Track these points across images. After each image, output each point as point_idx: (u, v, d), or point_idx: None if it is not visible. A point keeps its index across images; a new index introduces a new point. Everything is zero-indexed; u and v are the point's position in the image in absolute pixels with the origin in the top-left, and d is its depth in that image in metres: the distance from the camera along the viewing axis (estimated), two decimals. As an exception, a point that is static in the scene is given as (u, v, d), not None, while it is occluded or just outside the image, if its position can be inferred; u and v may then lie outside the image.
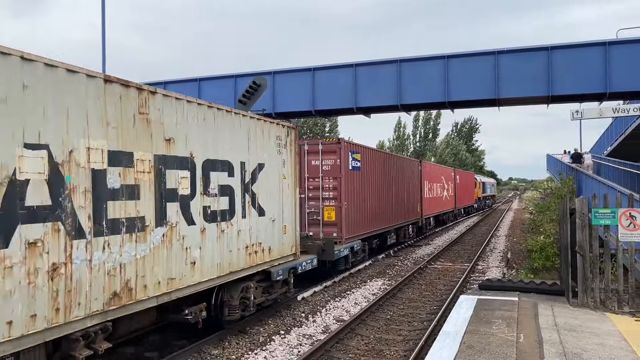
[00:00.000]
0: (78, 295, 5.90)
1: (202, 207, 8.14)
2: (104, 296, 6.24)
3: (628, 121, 23.91)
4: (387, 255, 20.77)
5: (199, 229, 8.07)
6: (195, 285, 7.93)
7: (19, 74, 5.35)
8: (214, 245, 8.43)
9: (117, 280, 6.45)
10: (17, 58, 5.34)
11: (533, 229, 24.07)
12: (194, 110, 8.02)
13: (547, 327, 7.37)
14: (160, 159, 7.25)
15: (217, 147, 8.62)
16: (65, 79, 5.85)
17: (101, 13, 17.69)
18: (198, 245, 8.01)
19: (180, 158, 7.70)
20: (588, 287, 8.68)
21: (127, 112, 6.70)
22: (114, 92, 6.50)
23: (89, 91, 6.14)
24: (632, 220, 8.51)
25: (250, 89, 12.68)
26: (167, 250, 7.34)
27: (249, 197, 9.60)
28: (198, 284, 8.01)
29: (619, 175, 20.21)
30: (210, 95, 19.72)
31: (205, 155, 8.28)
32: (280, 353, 8.75)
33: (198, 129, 8.10)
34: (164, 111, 7.33)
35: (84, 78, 6.09)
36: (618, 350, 6.39)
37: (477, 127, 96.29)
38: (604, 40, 15.41)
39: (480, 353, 6.24)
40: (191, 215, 7.88)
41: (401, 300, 12.92)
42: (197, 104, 8.15)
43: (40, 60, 5.57)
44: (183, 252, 7.67)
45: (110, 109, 6.43)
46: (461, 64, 16.92)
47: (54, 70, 5.73)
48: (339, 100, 18.33)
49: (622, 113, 16.43)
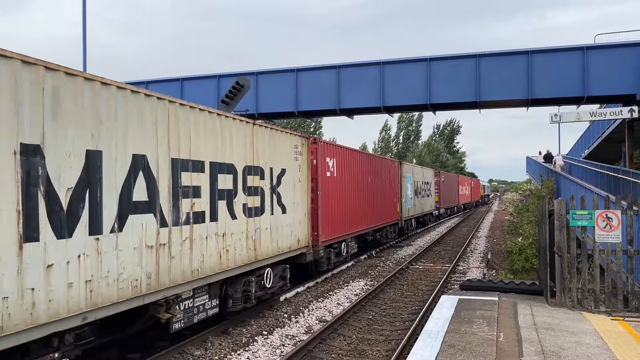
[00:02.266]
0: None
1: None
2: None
3: (604, 125, 24.42)
4: (369, 256, 20.88)
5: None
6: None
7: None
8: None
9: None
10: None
11: (513, 230, 24.42)
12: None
13: (526, 326, 7.51)
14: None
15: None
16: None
17: (82, 10, 17.48)
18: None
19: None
20: (566, 287, 8.86)
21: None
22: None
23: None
24: (608, 222, 8.71)
25: (233, 89, 12.69)
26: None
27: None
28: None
29: (596, 177, 20.61)
30: (192, 96, 19.63)
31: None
32: (263, 354, 8.75)
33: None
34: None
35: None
36: (594, 348, 6.54)
37: (459, 128, 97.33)
38: (582, 45, 15.74)
39: (462, 352, 6.34)
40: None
41: (383, 300, 13.01)
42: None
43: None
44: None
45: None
46: (443, 66, 17.13)
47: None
48: (322, 101, 18.40)
49: (599, 117, 16.78)
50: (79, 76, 5.95)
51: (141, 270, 6.84)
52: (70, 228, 5.76)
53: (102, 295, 6.18)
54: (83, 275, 5.90)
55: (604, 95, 15.95)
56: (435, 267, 18.23)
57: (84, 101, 5.99)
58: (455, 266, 18.19)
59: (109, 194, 6.34)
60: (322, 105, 18.50)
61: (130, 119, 6.73)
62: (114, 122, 6.46)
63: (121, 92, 6.61)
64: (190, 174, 8.13)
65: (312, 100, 18.52)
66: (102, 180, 6.22)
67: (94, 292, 6.04)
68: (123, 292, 6.51)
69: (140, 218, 6.90)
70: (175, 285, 7.59)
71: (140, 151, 6.93)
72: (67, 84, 5.77)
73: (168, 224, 7.49)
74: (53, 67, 5.58)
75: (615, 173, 18.49)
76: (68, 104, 5.75)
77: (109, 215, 6.32)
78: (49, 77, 5.53)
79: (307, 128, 72.45)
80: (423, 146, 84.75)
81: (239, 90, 12.82)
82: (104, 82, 6.32)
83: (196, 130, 8.26)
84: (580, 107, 17.00)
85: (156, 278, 7.15)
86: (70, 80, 5.80)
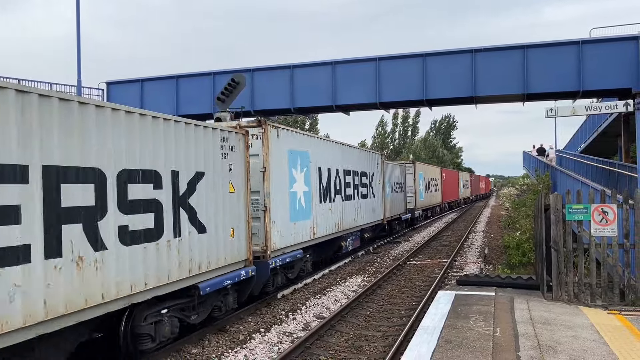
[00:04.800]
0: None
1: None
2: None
3: (600, 119, 24.45)
4: (366, 252, 20.90)
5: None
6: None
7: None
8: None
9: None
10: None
11: (510, 225, 24.47)
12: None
13: (523, 321, 7.52)
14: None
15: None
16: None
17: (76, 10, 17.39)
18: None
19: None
20: (562, 281, 8.88)
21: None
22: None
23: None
24: (604, 216, 8.72)
25: (228, 86, 12.63)
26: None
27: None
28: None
29: (592, 171, 20.65)
30: (188, 93, 19.59)
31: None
32: (261, 351, 8.75)
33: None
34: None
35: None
36: (591, 342, 6.56)
37: (455, 124, 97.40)
38: (577, 39, 15.73)
39: (458, 347, 6.35)
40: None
41: (380, 296, 13.02)
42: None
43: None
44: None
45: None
46: (439, 62, 17.09)
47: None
48: (318, 97, 18.35)
49: (595, 111, 16.79)
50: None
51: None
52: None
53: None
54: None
55: (599, 90, 15.94)
56: (433, 263, 18.25)
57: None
58: (452, 261, 18.21)
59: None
60: (318, 101, 18.45)
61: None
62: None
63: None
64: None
65: (308, 96, 18.46)
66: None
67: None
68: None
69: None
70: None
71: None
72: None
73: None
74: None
75: (611, 167, 18.54)
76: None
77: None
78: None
79: (302, 124, 72.42)
80: (419, 142, 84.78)
81: (235, 87, 12.76)
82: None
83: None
84: (576, 101, 17.00)
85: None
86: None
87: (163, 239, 7.81)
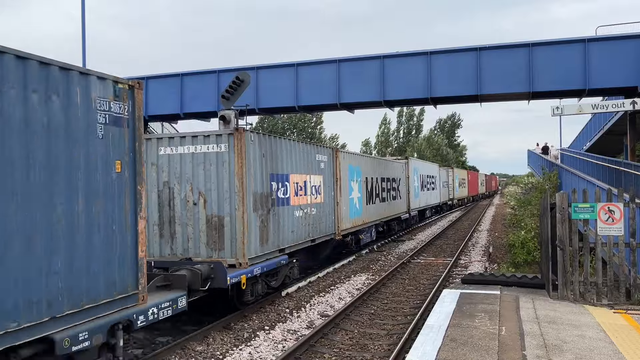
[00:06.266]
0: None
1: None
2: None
3: (606, 117, 24.33)
4: (370, 250, 20.88)
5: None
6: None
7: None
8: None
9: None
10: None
11: (514, 223, 24.38)
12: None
13: (528, 320, 7.49)
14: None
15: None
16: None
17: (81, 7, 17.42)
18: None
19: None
20: (568, 280, 8.84)
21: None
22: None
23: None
24: (610, 215, 8.68)
25: (233, 84, 12.62)
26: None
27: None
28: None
29: (598, 170, 20.55)
30: (192, 91, 19.62)
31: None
32: (265, 348, 8.76)
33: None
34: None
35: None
36: (597, 341, 6.53)
37: (459, 122, 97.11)
38: (583, 37, 15.66)
39: (463, 346, 6.33)
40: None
41: (385, 294, 13.01)
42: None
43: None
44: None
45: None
46: (444, 60, 17.05)
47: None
48: (322, 95, 18.35)
49: (601, 109, 16.71)
50: None
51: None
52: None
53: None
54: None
55: (605, 88, 15.88)
56: (437, 261, 18.22)
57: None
58: (457, 260, 18.18)
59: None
60: (322, 99, 18.45)
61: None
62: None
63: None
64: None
65: (313, 94, 18.46)
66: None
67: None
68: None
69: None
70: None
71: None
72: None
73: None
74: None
75: (617, 165, 18.43)
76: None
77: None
78: None
79: (308, 123, 72.46)
80: (423, 140, 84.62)
81: (239, 85, 12.75)
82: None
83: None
84: (581, 99, 16.93)
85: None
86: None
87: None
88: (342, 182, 16.60)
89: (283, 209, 12.27)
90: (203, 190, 10.63)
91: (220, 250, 10.52)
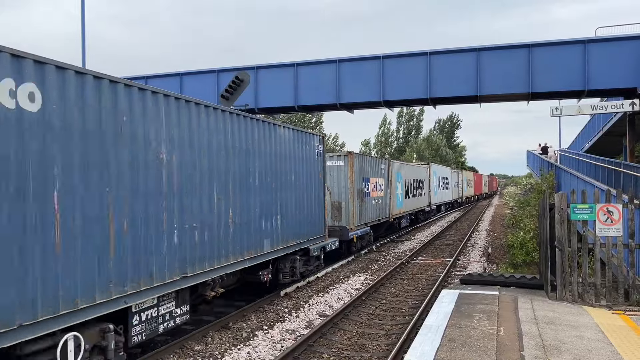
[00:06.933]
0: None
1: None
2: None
3: (605, 118, 24.35)
4: (369, 250, 20.88)
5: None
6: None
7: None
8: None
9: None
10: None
11: (513, 224, 24.41)
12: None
13: (527, 320, 7.50)
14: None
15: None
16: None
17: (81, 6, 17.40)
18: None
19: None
20: (566, 281, 8.85)
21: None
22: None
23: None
24: (609, 215, 8.69)
25: (233, 84, 12.62)
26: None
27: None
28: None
29: (597, 171, 20.57)
30: (192, 90, 19.60)
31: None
32: (264, 348, 8.76)
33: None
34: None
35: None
36: (595, 342, 6.53)
37: (459, 123, 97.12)
38: (582, 38, 15.67)
39: (462, 346, 6.33)
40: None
41: (383, 295, 13.01)
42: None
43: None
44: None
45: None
46: (443, 60, 17.05)
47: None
48: (322, 95, 18.35)
49: (600, 110, 16.72)
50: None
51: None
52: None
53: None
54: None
55: (604, 89, 15.88)
56: (436, 262, 18.23)
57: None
58: (455, 260, 18.19)
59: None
60: (322, 99, 18.45)
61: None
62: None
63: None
64: None
65: (312, 94, 18.46)
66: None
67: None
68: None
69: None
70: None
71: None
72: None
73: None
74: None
75: (616, 166, 18.45)
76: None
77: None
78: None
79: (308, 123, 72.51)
80: (422, 141, 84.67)
81: (239, 85, 12.75)
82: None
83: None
84: (581, 100, 16.94)
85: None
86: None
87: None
88: (393, 182, 24.19)
89: (367, 199, 20.09)
90: (329, 186, 17.36)
91: (339, 221, 18.09)
